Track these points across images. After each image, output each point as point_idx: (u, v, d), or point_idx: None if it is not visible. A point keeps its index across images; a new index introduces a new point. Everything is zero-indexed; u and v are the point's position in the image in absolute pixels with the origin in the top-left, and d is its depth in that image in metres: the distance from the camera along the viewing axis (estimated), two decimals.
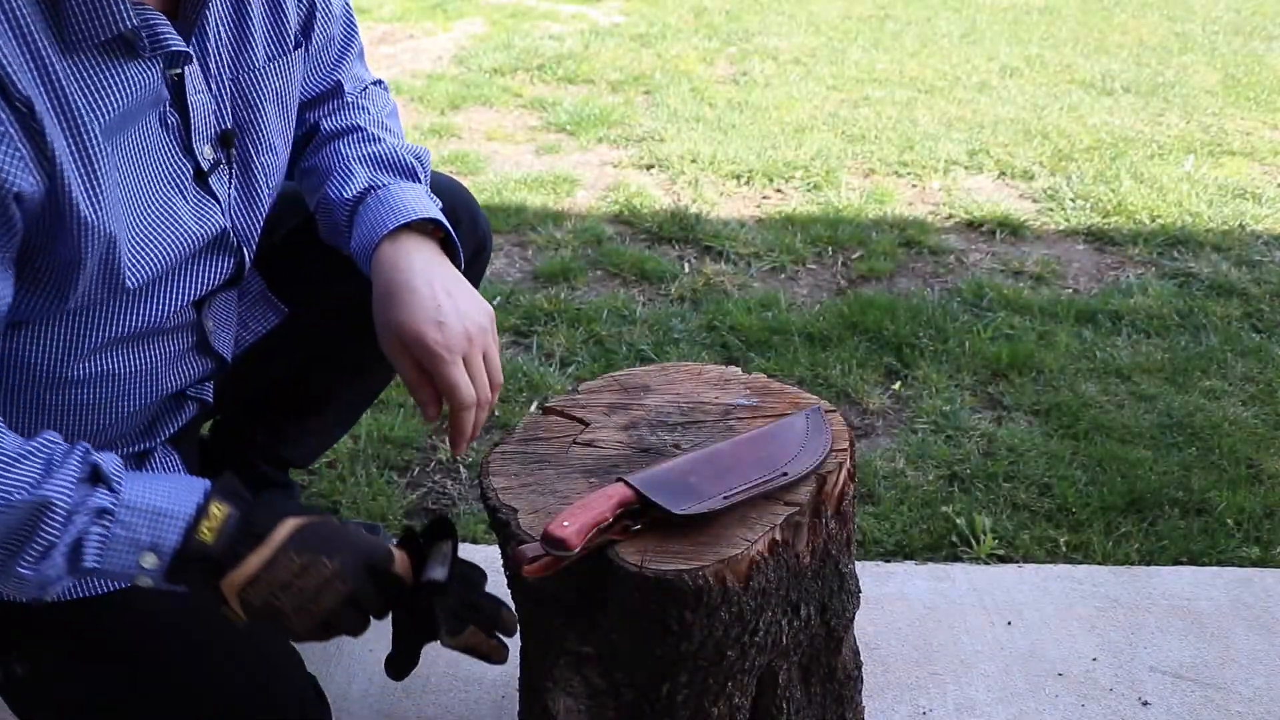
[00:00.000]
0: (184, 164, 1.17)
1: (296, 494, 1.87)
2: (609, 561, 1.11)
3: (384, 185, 1.32)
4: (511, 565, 1.18)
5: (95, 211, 1.04)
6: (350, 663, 1.71)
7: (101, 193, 1.05)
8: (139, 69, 1.07)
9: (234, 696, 1.25)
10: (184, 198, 1.18)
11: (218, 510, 1.04)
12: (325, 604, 1.05)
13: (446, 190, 1.58)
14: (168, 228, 1.16)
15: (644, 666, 1.17)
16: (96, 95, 1.03)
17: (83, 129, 1.02)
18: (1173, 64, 5.14)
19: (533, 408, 2.34)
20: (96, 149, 1.03)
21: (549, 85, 4.71)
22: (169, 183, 1.16)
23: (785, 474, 1.18)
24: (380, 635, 1.75)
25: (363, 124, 1.43)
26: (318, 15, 1.35)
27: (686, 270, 3.03)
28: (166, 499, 1.04)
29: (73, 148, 1.02)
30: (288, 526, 1.05)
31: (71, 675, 1.24)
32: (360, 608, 1.08)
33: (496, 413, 2.36)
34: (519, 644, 1.38)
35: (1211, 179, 3.72)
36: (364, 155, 1.37)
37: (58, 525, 0.99)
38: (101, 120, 1.04)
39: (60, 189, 1.01)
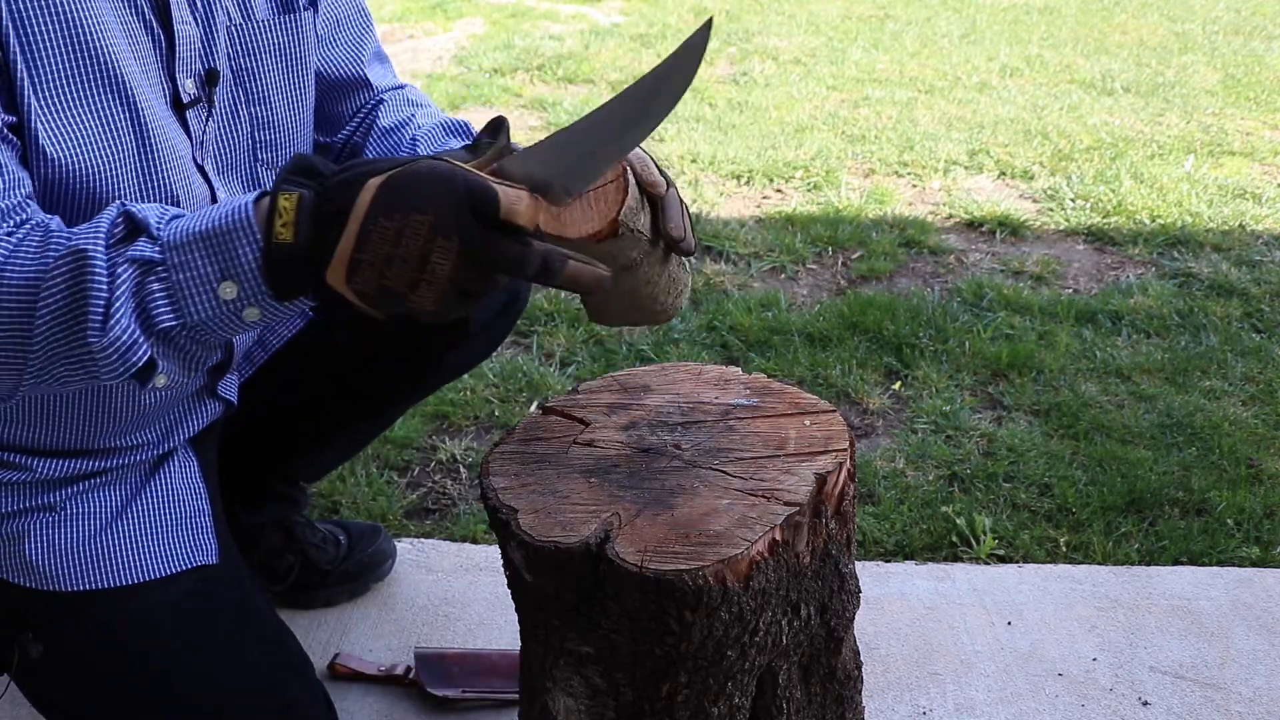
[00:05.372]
0: (165, 85, 1.16)
1: (306, 503, 1.85)
2: (609, 561, 1.11)
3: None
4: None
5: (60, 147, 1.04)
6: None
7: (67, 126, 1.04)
8: None
9: (245, 701, 1.25)
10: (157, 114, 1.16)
11: (286, 202, 0.91)
12: (441, 269, 0.90)
13: None
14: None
15: (644, 666, 1.17)
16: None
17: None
18: (1173, 64, 5.14)
19: (533, 408, 2.34)
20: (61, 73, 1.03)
21: (549, 85, 4.72)
22: (150, 93, 1.13)
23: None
24: (378, 634, 1.76)
25: (414, 112, 1.46)
26: None
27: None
28: (216, 220, 0.93)
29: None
30: (369, 191, 0.90)
31: (86, 663, 1.23)
32: (478, 260, 0.91)
33: (496, 413, 2.37)
34: (519, 644, 1.38)
35: (1211, 179, 3.72)
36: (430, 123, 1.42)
37: (102, 279, 0.92)
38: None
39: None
